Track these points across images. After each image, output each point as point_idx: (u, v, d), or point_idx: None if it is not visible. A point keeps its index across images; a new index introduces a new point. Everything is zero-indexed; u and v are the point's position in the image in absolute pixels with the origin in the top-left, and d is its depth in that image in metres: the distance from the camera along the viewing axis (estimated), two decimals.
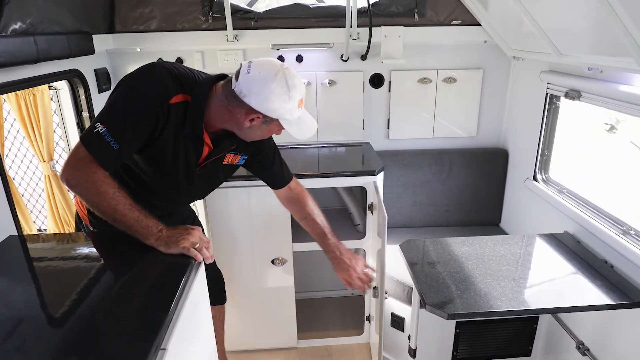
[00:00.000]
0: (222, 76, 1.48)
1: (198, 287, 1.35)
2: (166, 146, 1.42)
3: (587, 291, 1.74)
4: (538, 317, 2.43)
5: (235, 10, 2.53)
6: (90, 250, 1.48)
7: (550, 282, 1.81)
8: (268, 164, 1.74)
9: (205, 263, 1.39)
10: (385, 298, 2.19)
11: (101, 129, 1.29)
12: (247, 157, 1.66)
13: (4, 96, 2.45)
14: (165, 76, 1.37)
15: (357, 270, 1.74)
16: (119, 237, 1.54)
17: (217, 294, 2.11)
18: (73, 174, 1.31)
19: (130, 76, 1.37)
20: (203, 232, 1.44)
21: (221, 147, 1.54)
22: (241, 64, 1.39)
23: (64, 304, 1.11)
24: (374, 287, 2.18)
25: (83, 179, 1.30)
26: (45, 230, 2.94)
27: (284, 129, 1.48)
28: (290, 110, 1.41)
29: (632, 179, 2.52)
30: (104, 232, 1.61)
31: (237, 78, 1.38)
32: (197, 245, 1.34)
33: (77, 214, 1.70)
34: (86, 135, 1.31)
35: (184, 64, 2.58)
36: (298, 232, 2.53)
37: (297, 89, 1.41)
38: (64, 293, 1.17)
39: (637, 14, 1.32)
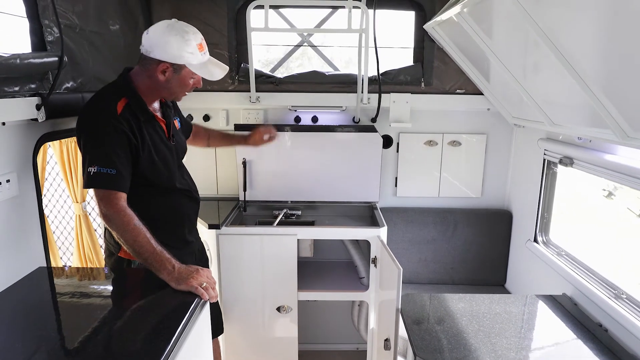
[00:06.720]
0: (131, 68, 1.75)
1: (202, 323, 1.49)
2: (147, 145, 1.67)
3: (579, 354, 1.77)
4: None
5: (259, 75, 2.83)
6: (109, 284, 1.66)
7: (542, 342, 1.85)
8: (184, 120, 2.08)
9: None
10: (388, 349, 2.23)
11: (94, 169, 1.53)
12: (179, 119, 1.99)
13: (50, 142, 2.74)
14: (101, 102, 1.63)
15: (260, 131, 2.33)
16: (135, 275, 1.72)
17: (216, 326, 2.21)
18: (105, 210, 1.54)
19: (82, 121, 1.61)
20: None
21: (168, 116, 1.83)
22: None
23: (81, 329, 1.27)
24: (386, 340, 2.23)
25: (111, 212, 1.53)
26: (70, 265, 3.14)
27: (195, 75, 1.71)
28: (192, 54, 1.65)
29: (629, 243, 2.57)
30: (122, 270, 1.79)
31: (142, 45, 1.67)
32: (204, 284, 1.50)
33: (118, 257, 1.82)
34: (87, 181, 1.54)
35: (211, 121, 2.85)
36: (303, 282, 2.65)
37: (191, 33, 1.65)
38: (81, 320, 1.33)
39: (612, 93, 1.49)
